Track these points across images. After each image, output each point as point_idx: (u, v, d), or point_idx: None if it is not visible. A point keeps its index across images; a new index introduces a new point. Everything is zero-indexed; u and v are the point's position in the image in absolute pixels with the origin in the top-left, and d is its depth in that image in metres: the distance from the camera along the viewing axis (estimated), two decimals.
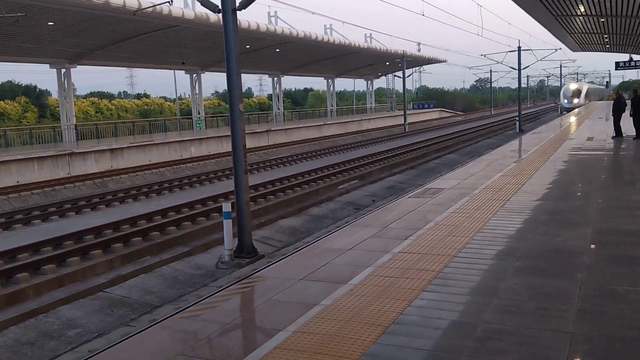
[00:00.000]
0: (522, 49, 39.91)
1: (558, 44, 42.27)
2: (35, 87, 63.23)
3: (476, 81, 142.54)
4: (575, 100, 56.28)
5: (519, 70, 41.01)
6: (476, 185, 11.68)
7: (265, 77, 73.32)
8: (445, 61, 65.90)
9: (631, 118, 20.14)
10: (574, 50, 48.28)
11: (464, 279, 5.87)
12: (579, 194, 10.39)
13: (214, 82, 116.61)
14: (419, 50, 60.49)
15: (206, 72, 42.66)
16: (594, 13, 24.53)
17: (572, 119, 37.51)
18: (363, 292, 5.63)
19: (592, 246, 6.89)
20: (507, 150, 19.37)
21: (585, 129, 25.62)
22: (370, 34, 54.48)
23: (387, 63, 57.21)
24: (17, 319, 8.62)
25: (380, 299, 5.41)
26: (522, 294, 5.38)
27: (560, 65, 73.34)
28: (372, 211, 10.43)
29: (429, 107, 77.71)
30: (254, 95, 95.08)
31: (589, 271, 5.94)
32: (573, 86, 59.20)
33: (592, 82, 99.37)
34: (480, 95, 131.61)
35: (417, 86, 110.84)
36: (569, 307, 4.99)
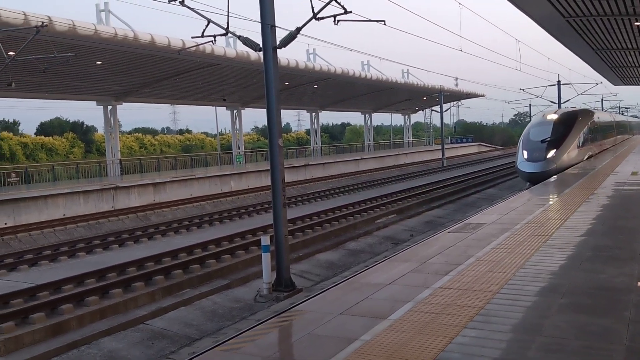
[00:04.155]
0: (561, 82, 39.52)
1: (599, 77, 41.33)
2: (82, 123, 65.57)
3: (515, 115, 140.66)
4: (552, 154, 22.41)
5: (559, 104, 40.52)
6: (517, 221, 11.49)
7: (304, 112, 74.29)
8: (483, 95, 65.60)
9: None
10: (615, 84, 47.35)
11: (507, 315, 5.76)
12: (625, 229, 10.11)
13: (254, 117, 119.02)
14: (456, 85, 60.35)
15: (246, 108, 43.52)
16: (635, 47, 24.17)
17: (609, 156, 28.48)
18: (403, 327, 5.58)
19: None
20: (549, 184, 19.02)
21: (629, 164, 24.99)
22: (408, 69, 54.55)
23: (424, 98, 57.27)
24: (60, 350, 8.79)
25: (420, 335, 5.34)
26: (567, 332, 5.24)
27: (602, 99, 71.86)
28: (410, 246, 10.36)
29: (467, 142, 77.14)
30: (293, 131, 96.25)
31: (637, 309, 5.75)
32: (550, 117, 24.50)
33: (609, 111, 57.67)
34: (520, 129, 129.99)
35: (455, 120, 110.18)
36: (617, 346, 4.83)
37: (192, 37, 13.55)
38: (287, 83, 36.66)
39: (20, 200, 21.22)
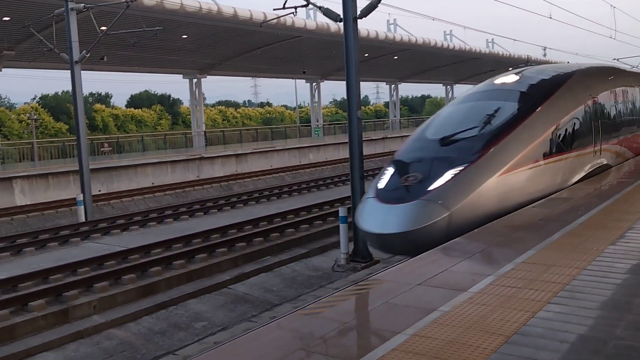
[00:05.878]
0: None
1: None
2: (169, 96, 68.04)
3: None
4: (442, 183, 8.32)
5: None
6: (610, 194, 10.91)
7: (382, 84, 73.46)
8: None
9: None
10: None
11: (594, 292, 5.53)
12: None
13: (332, 90, 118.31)
14: (544, 54, 57.52)
15: (325, 81, 43.55)
16: None
17: None
18: (483, 300, 5.49)
19: None
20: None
21: None
22: (492, 38, 52.44)
23: (510, 68, 55.02)
24: (150, 310, 9.33)
25: (501, 308, 5.24)
26: None
27: None
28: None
29: None
30: (371, 103, 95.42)
31: None
32: (503, 81, 10.94)
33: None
34: None
35: None
36: None
37: (274, 9, 13.66)
38: (366, 54, 36.31)
39: (112, 169, 22.44)
